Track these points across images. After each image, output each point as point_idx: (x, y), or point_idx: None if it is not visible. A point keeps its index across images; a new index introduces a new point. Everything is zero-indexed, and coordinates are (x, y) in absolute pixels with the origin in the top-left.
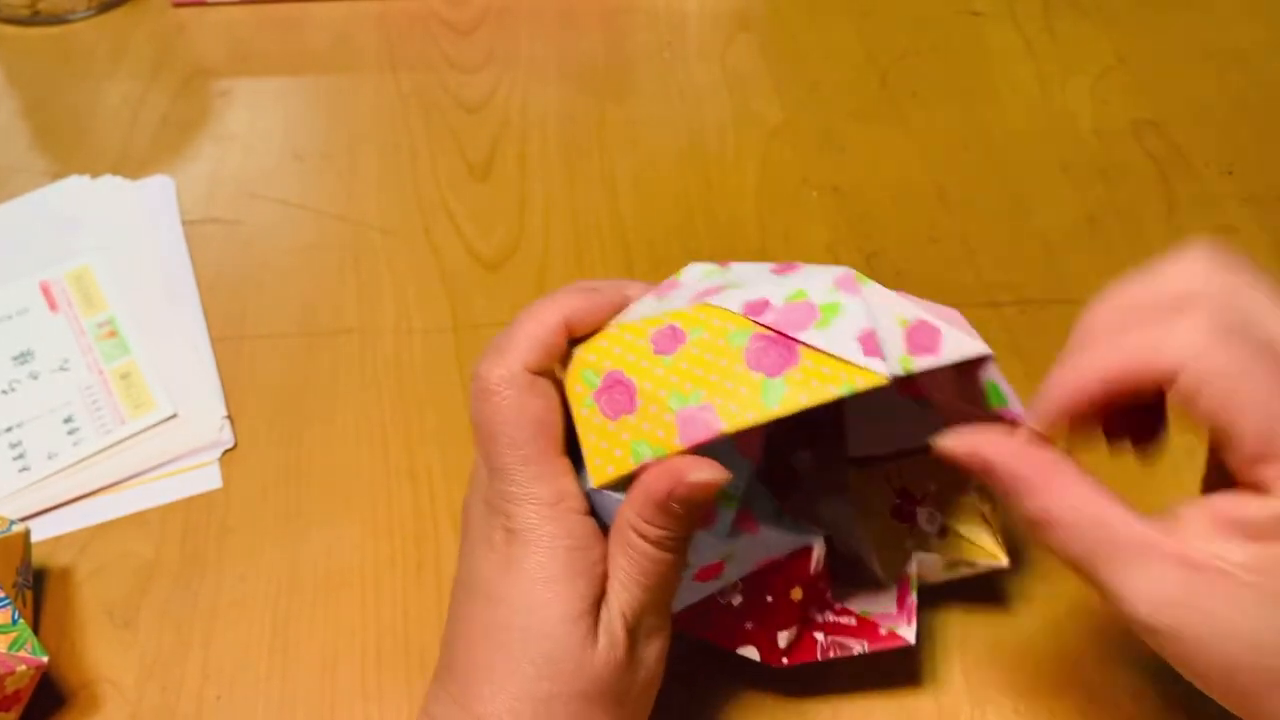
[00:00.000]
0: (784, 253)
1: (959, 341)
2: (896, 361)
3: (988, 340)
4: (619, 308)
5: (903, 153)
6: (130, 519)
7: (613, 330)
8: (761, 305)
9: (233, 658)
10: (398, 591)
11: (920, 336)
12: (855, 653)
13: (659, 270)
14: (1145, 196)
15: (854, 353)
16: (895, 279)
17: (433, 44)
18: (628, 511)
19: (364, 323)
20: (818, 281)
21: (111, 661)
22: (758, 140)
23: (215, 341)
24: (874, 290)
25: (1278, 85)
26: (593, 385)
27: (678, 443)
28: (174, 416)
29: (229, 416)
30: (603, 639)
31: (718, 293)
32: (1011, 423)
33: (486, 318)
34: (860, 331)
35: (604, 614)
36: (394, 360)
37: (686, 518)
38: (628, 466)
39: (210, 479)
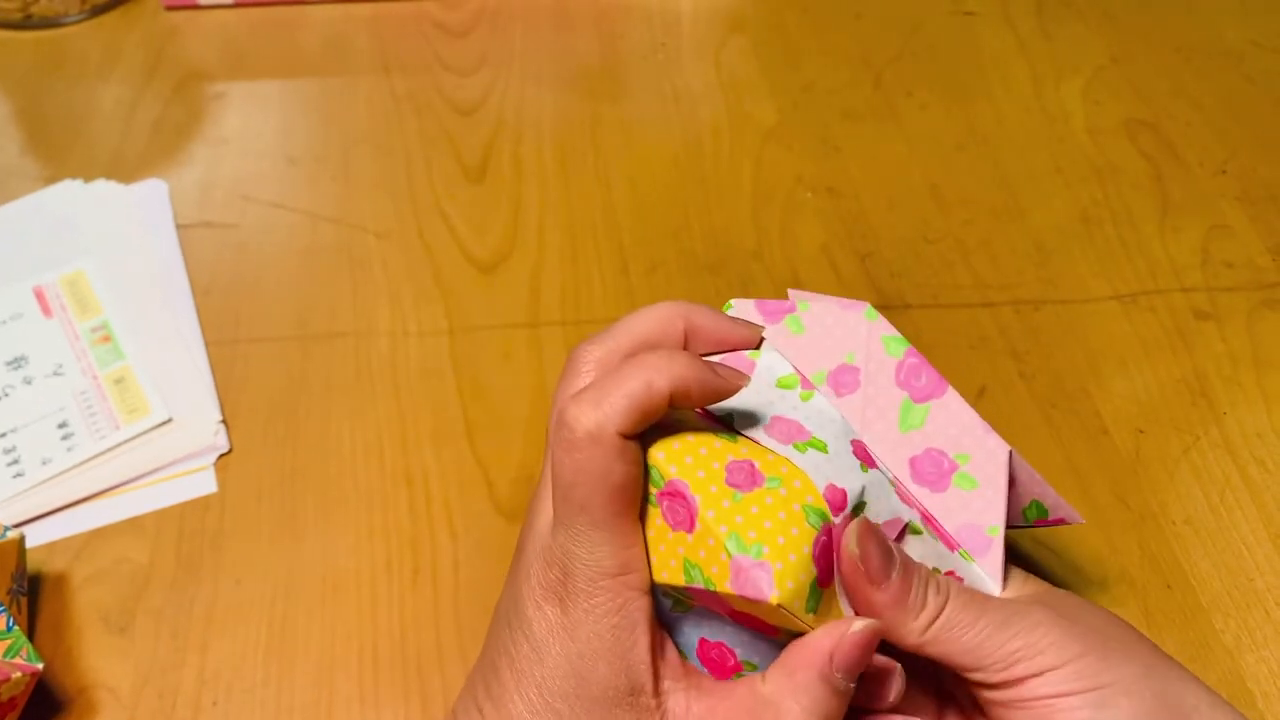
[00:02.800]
0: (779, 254)
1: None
2: None
3: (983, 340)
4: (731, 394)
5: (897, 153)
6: (125, 524)
7: (689, 437)
8: (840, 500)
9: (229, 663)
10: (394, 596)
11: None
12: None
13: (654, 273)
14: (1139, 196)
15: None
16: (891, 280)
17: (426, 46)
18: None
19: (359, 326)
20: (882, 504)
21: (107, 668)
22: (752, 141)
23: (210, 345)
24: (925, 539)
25: (1271, 84)
26: (657, 484)
27: (728, 586)
28: (168, 421)
29: (224, 421)
30: None
31: (799, 438)
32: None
33: (482, 320)
34: None
35: None
36: (389, 364)
37: None
38: (679, 581)
39: (205, 484)
